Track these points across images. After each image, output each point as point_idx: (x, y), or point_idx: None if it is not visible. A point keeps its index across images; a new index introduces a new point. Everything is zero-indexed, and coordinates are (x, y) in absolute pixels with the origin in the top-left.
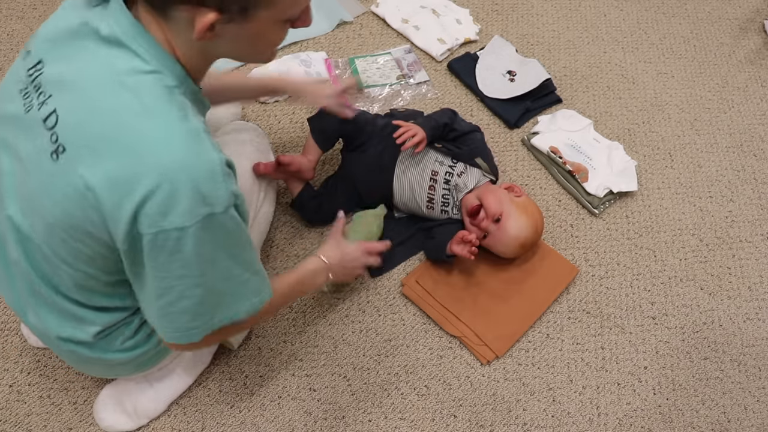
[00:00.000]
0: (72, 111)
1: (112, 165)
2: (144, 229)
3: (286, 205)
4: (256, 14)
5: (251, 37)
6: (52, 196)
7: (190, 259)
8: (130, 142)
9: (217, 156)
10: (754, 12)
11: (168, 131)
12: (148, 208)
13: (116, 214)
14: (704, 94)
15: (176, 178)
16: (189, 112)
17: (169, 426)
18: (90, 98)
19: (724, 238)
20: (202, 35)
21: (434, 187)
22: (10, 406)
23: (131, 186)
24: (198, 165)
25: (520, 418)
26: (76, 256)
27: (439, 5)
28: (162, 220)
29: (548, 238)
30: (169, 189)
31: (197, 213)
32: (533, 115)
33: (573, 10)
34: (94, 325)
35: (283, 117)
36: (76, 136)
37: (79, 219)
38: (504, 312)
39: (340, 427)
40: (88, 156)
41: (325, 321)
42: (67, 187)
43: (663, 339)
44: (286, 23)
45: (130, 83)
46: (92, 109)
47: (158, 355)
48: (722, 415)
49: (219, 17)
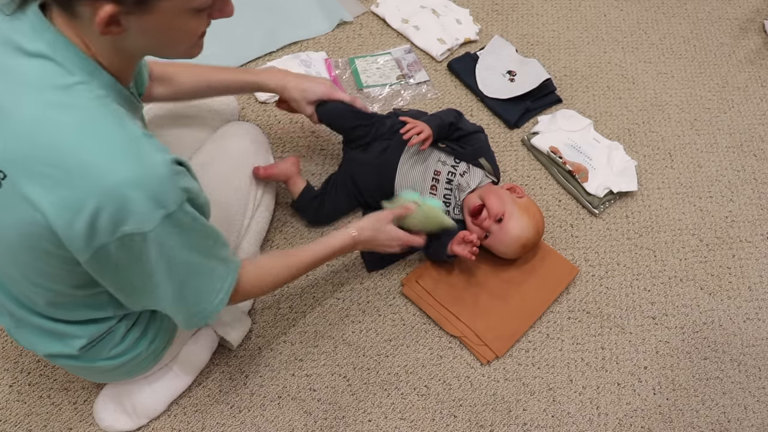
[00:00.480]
0: (5, 135)
1: (56, 188)
2: (106, 238)
3: (286, 205)
4: (156, 5)
5: (159, 29)
6: (3, 222)
7: (157, 259)
8: (71, 164)
9: (161, 158)
10: (754, 12)
11: (107, 147)
12: (102, 222)
13: (69, 232)
14: (704, 94)
15: (124, 192)
16: (124, 119)
17: (169, 426)
18: (24, 121)
19: (724, 238)
20: (104, 29)
21: (436, 186)
22: (10, 406)
23: (80, 206)
24: (144, 173)
25: (520, 418)
26: (43, 276)
27: (439, 5)
28: (122, 226)
29: (548, 238)
30: (119, 203)
31: (154, 217)
32: (533, 115)
33: (573, 10)
34: (78, 338)
35: (283, 117)
36: (16, 162)
37: (36, 240)
38: (504, 312)
39: (340, 427)
40: (31, 180)
41: (325, 321)
42: (16, 211)
43: (663, 339)
44: (198, 12)
45: (61, 100)
46: (28, 133)
47: (149, 359)
48: (722, 415)
49: (116, 9)
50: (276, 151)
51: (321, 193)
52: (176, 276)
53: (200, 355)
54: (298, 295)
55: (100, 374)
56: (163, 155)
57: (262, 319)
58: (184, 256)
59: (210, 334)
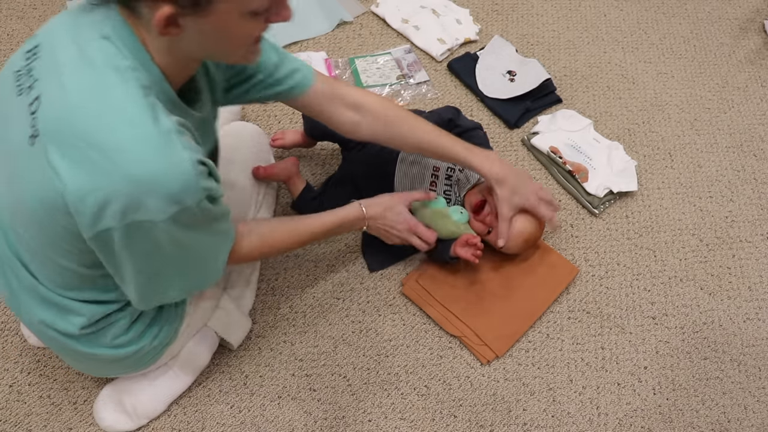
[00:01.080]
0: (54, 101)
1: (80, 162)
2: (113, 223)
3: (286, 205)
4: (214, 7)
5: (215, 32)
6: (29, 182)
7: (161, 244)
8: (100, 144)
9: (188, 155)
10: (754, 12)
11: (137, 137)
12: (114, 207)
13: (79, 206)
14: (704, 94)
15: (144, 185)
16: (159, 113)
17: (169, 426)
18: (72, 93)
19: (724, 238)
20: (162, 30)
21: (436, 182)
22: (10, 406)
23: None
24: (167, 169)
25: (520, 418)
26: (54, 248)
27: (439, 5)
28: (132, 215)
29: (548, 238)
30: (136, 194)
31: (167, 210)
32: (533, 115)
33: (573, 10)
34: (79, 315)
35: (283, 117)
36: (52, 127)
37: (51, 206)
38: (504, 312)
39: (340, 427)
40: (58, 148)
41: (325, 321)
42: (40, 173)
43: (663, 339)
44: (255, 16)
45: (110, 82)
46: (72, 105)
47: (153, 352)
48: (722, 415)
49: (175, 10)
50: (276, 151)
51: (320, 193)
52: (179, 258)
53: (201, 356)
54: (298, 295)
55: (100, 366)
56: (190, 153)
57: (262, 319)
58: (190, 241)
59: (211, 334)
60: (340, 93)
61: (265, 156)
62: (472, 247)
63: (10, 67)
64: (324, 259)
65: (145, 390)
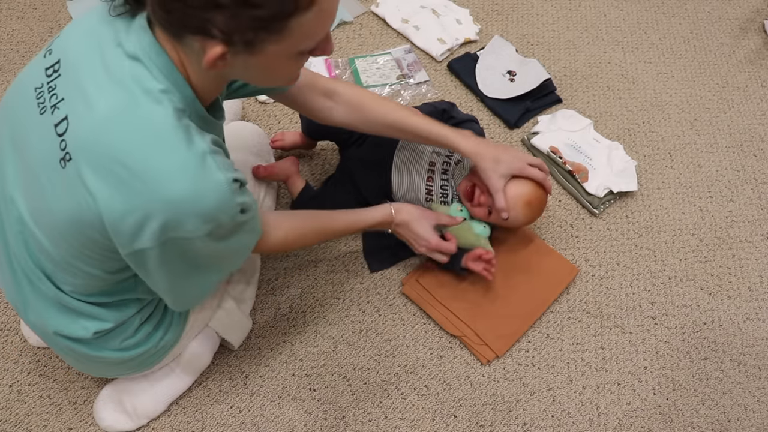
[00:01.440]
0: (83, 122)
1: (116, 184)
2: (150, 243)
3: (286, 205)
4: (264, 48)
5: (262, 67)
6: (59, 201)
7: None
8: (135, 168)
9: (223, 177)
10: (754, 12)
11: (172, 160)
12: (150, 228)
13: (117, 228)
14: (704, 94)
15: (179, 207)
16: (194, 134)
17: (169, 426)
18: (102, 113)
19: (724, 238)
20: (211, 65)
21: (432, 177)
22: (10, 406)
23: (133, 208)
24: (202, 192)
25: (520, 418)
26: (81, 258)
27: (439, 5)
28: (169, 234)
29: (548, 238)
30: (172, 216)
31: (203, 228)
32: (533, 115)
33: (573, 10)
34: (101, 321)
35: (283, 117)
36: (84, 149)
37: (85, 226)
38: (504, 312)
39: (340, 427)
40: (94, 170)
41: (325, 321)
42: (74, 195)
43: (663, 339)
44: (301, 55)
45: (142, 103)
46: (103, 126)
47: (158, 354)
48: (722, 415)
49: (227, 49)
50: (276, 151)
51: (320, 192)
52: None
53: (202, 357)
54: (298, 295)
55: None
56: (226, 174)
57: (262, 319)
58: (223, 249)
59: (212, 335)
60: (314, 82)
61: (265, 156)
62: (485, 262)
63: (29, 82)
64: (324, 259)
65: (146, 390)
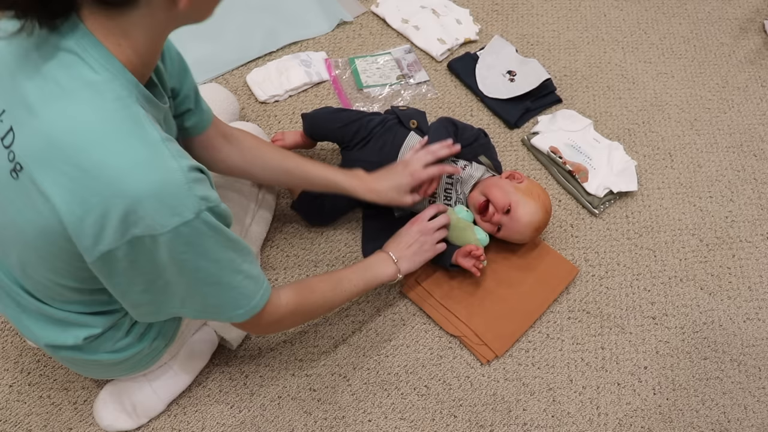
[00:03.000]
0: (27, 128)
1: (70, 184)
2: (115, 243)
3: (286, 205)
4: None
5: None
6: (21, 214)
7: (168, 263)
8: (87, 164)
9: (177, 165)
10: (754, 12)
11: (123, 151)
12: (112, 225)
13: (79, 230)
14: (704, 94)
15: (136, 198)
16: (144, 122)
17: (169, 426)
18: (46, 116)
19: (724, 238)
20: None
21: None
22: (10, 406)
23: (90, 206)
24: (158, 180)
25: (520, 418)
26: (55, 271)
27: (439, 5)
28: (132, 230)
29: (548, 238)
30: (130, 208)
31: (166, 223)
32: (533, 115)
33: (573, 10)
34: (89, 327)
35: (283, 117)
36: (34, 155)
37: (50, 234)
38: (504, 312)
39: (340, 427)
40: (46, 175)
41: (325, 321)
42: (32, 204)
43: (663, 339)
44: None
45: (83, 98)
46: (48, 130)
47: (153, 353)
48: (722, 415)
49: None
50: None
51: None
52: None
53: (200, 355)
54: None
55: (101, 369)
56: (180, 161)
57: None
58: (201, 264)
59: (210, 333)
60: (217, 123)
61: None
62: (474, 258)
63: None
64: (324, 260)
65: (145, 389)
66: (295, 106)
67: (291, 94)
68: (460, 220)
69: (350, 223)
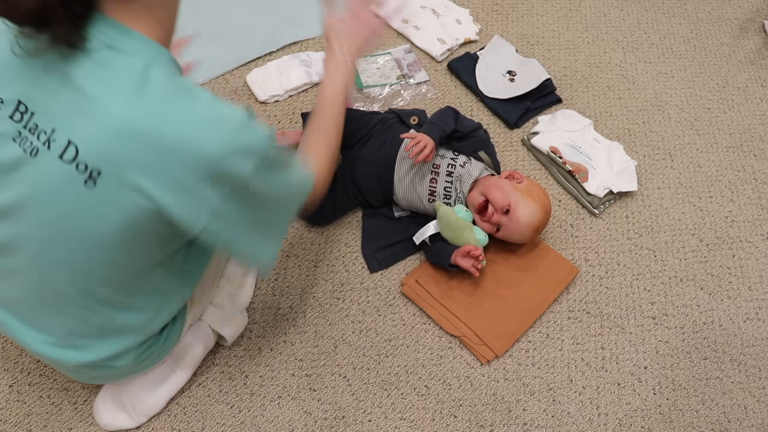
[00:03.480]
0: (90, 134)
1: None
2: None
3: None
4: None
5: None
6: (101, 218)
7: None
8: (168, 144)
9: (236, 111)
10: (754, 12)
11: (193, 120)
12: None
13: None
14: (704, 94)
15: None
16: (193, 88)
17: (169, 426)
18: (105, 114)
19: (724, 238)
20: None
21: (436, 179)
22: (10, 406)
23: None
24: (230, 132)
25: (520, 418)
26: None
27: (439, 5)
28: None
29: (548, 238)
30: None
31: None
32: (533, 115)
33: (573, 10)
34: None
35: (283, 117)
36: (109, 155)
37: (140, 224)
38: (504, 312)
39: (340, 427)
40: (133, 168)
41: (325, 321)
42: (117, 203)
43: (663, 339)
44: None
45: (135, 86)
46: (114, 125)
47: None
48: (722, 415)
49: None
50: None
51: None
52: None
53: (195, 349)
54: (298, 295)
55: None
56: (233, 109)
57: (262, 319)
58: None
59: (204, 328)
60: None
61: None
62: (473, 258)
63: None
64: (324, 259)
65: (144, 387)
66: (295, 106)
67: (291, 94)
68: (459, 219)
69: (350, 223)
